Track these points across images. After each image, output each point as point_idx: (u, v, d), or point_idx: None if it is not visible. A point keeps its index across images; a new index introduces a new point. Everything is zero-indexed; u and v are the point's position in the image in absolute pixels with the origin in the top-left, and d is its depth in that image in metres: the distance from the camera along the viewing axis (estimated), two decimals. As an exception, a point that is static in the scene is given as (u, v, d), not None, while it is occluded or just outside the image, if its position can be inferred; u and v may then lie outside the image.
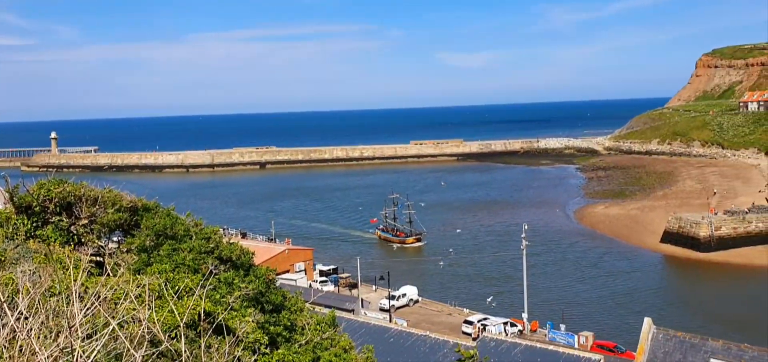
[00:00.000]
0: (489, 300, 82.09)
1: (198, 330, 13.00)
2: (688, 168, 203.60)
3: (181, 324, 10.30)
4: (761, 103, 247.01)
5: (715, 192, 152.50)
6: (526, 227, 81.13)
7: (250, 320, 16.12)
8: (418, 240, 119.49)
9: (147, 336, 9.97)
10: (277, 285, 25.36)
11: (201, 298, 13.69)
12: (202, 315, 13.03)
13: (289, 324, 18.04)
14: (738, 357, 27.77)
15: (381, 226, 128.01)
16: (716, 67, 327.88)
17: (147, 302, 10.70)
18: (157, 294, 13.59)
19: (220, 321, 13.12)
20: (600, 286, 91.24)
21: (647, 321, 30.62)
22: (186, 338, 10.41)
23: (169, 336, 10.62)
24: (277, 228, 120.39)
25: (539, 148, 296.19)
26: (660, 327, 30.47)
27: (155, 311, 11.08)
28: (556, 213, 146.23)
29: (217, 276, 19.01)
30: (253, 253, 23.06)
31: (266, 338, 16.07)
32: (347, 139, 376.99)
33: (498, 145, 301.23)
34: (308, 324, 18.62)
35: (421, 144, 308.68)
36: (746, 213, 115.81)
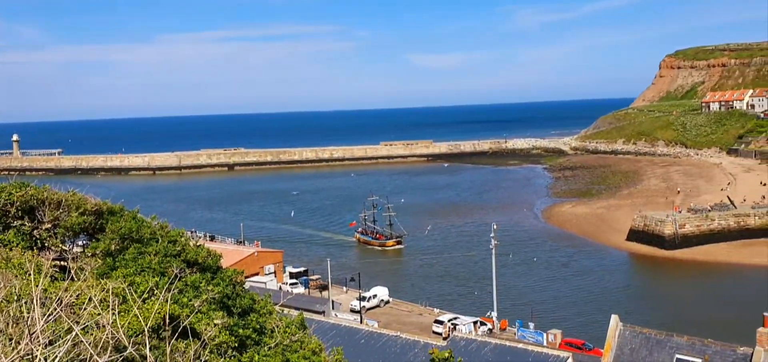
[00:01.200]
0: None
1: (163, 335, 12.80)
2: (652, 167, 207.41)
3: (146, 329, 10.11)
4: (722, 104, 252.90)
5: (678, 191, 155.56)
6: (495, 227, 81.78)
7: (218, 323, 15.94)
8: (399, 242, 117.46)
9: (111, 342, 9.77)
10: (246, 287, 25.14)
11: (167, 302, 13.48)
12: (167, 319, 12.83)
13: (257, 326, 17.88)
14: (702, 352, 28.34)
15: (360, 229, 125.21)
16: (679, 68, 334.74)
17: (110, 306, 10.49)
18: (121, 298, 13.35)
19: (186, 324, 12.94)
20: (568, 284, 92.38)
21: (614, 318, 31.08)
22: (151, 342, 10.23)
23: (133, 341, 10.42)
24: (247, 231, 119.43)
25: (507, 148, 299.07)
26: (627, 324, 30.95)
27: (120, 316, 10.87)
28: (525, 212, 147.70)
29: (183, 280, 18.75)
30: (220, 256, 22.81)
31: (234, 341, 15.91)
32: (317, 140, 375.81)
33: (467, 146, 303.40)
34: (277, 327, 18.47)
35: (391, 145, 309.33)
36: (709, 211, 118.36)
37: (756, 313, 31.15)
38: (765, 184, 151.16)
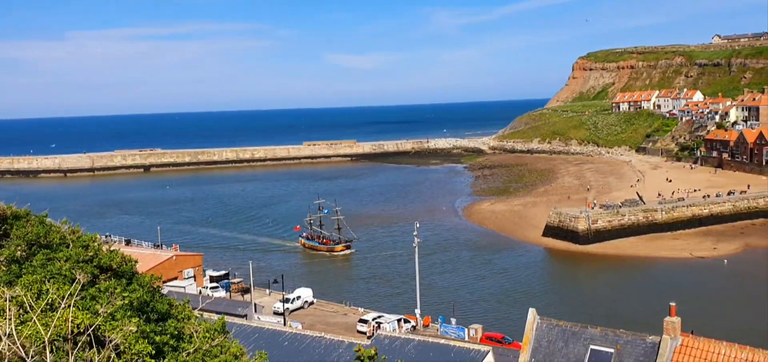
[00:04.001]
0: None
1: (74, 343, 12.20)
2: (566, 165, 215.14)
3: (46, 339, 9.59)
4: (631, 104, 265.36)
5: (588, 189, 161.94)
6: (417, 225, 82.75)
7: (134, 330, 15.35)
8: (348, 247, 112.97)
9: (7, 354, 9.20)
10: (164, 292, 24.31)
11: (78, 309, 12.86)
12: (77, 327, 12.24)
13: (175, 332, 17.31)
14: (614, 342, 29.55)
15: (305, 234, 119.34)
16: (591, 69, 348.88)
17: (7, 316, 9.89)
18: (26, 306, 12.63)
19: (101, 333, 12.38)
20: (488, 280, 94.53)
21: (532, 312, 31.97)
22: (60, 351, 9.71)
23: (34, 352, 9.86)
24: (166, 235, 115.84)
25: (429, 148, 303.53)
26: (544, 318, 31.91)
27: (24, 325, 10.26)
28: (447, 210, 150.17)
29: (96, 286, 17.96)
30: (136, 261, 22.00)
31: (151, 348, 15.37)
32: (237, 141, 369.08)
33: (390, 146, 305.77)
34: (196, 332, 17.94)
35: (314, 145, 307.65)
36: (620, 207, 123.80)
37: (663, 303, 32.78)
38: (671, 181, 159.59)
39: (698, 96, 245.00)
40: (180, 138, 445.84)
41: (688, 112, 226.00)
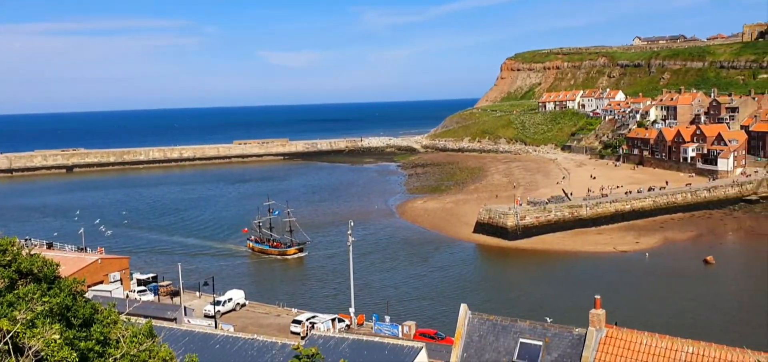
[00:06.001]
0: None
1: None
2: (495, 163, 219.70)
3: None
4: (557, 103, 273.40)
5: (515, 187, 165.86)
6: (351, 224, 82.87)
7: (58, 337, 14.72)
8: (301, 250, 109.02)
9: None
10: (89, 297, 23.41)
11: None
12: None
13: (101, 337, 16.70)
14: (543, 335, 30.36)
15: (253, 237, 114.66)
16: (518, 70, 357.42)
17: None
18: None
19: (18, 340, 11.80)
20: (421, 277, 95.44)
21: (463, 307, 32.47)
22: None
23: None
24: (91, 238, 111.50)
25: (363, 146, 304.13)
26: (475, 313, 32.45)
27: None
28: (381, 209, 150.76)
29: (15, 292, 17.11)
30: (58, 264, 21.09)
31: (75, 355, 14.77)
32: (165, 140, 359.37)
33: (323, 144, 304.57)
34: (123, 337, 17.36)
35: (245, 143, 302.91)
36: (546, 203, 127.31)
37: (589, 296, 33.91)
38: (595, 178, 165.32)
39: (620, 96, 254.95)
40: (104, 137, 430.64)
41: (610, 112, 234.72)
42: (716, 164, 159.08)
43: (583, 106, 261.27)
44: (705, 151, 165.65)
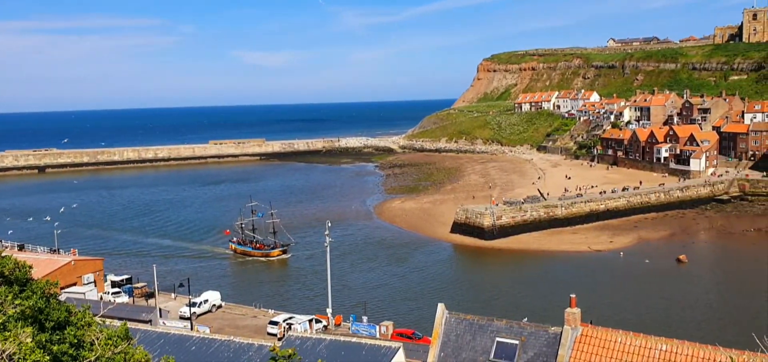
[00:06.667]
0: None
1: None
2: (472, 163, 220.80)
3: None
4: (532, 104, 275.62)
5: (490, 187, 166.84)
6: (329, 224, 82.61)
7: (29, 340, 14.49)
8: (284, 252, 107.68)
9: None
10: (62, 299, 23.06)
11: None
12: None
13: (75, 340, 16.47)
14: (519, 334, 30.59)
15: (235, 239, 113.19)
16: (495, 71, 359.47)
17: None
18: None
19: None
20: (399, 277, 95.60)
21: (441, 307, 32.58)
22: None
23: None
24: (64, 239, 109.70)
25: (340, 147, 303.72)
26: (452, 312, 32.58)
27: None
28: (358, 209, 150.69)
29: (-14, 295, 16.79)
30: (30, 266, 20.75)
31: (48, 358, 14.55)
32: (140, 139, 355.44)
33: (300, 145, 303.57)
34: (97, 340, 17.13)
35: (220, 144, 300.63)
36: (522, 203, 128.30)
37: (564, 295, 34.25)
38: (570, 178, 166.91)
39: (595, 97, 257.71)
40: (78, 137, 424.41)
41: (585, 112, 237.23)
42: (689, 164, 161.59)
43: (559, 106, 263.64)
44: (678, 152, 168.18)
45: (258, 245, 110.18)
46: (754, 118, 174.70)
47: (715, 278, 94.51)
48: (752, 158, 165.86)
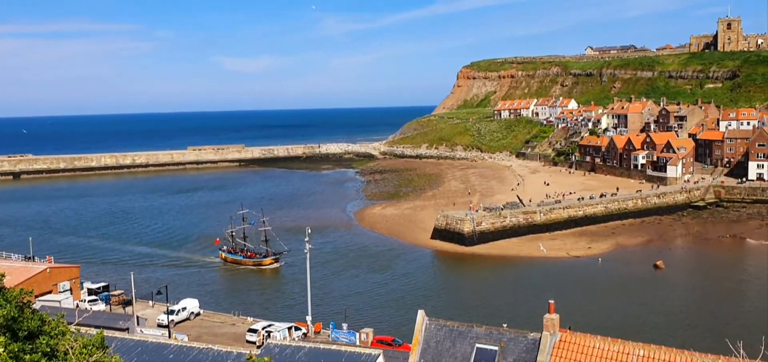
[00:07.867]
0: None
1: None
2: (452, 170, 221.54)
3: None
4: (511, 111, 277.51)
5: (469, 193, 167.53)
6: (309, 231, 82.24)
7: (1, 350, 14.20)
8: (277, 260, 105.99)
9: None
10: (37, 307, 22.68)
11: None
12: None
13: (48, 350, 16.18)
14: (498, 340, 30.67)
15: (226, 247, 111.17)
16: (474, 78, 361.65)
17: None
18: None
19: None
20: (379, 284, 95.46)
21: (421, 313, 32.57)
22: None
23: None
24: (39, 246, 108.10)
25: (321, 152, 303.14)
26: (432, 319, 32.59)
27: None
28: (339, 216, 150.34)
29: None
30: (3, 275, 20.40)
31: (21, 369, 14.27)
32: (117, 145, 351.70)
33: (280, 150, 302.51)
34: (72, 349, 16.85)
35: (200, 149, 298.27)
36: (502, 209, 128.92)
37: (543, 301, 34.43)
38: (549, 184, 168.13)
39: (573, 104, 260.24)
40: (54, 142, 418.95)
41: (563, 120, 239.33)
42: (665, 171, 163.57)
43: (537, 114, 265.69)
44: (655, 159, 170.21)
45: (249, 253, 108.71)
46: (729, 125, 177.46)
47: (692, 283, 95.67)
48: (727, 165, 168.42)
